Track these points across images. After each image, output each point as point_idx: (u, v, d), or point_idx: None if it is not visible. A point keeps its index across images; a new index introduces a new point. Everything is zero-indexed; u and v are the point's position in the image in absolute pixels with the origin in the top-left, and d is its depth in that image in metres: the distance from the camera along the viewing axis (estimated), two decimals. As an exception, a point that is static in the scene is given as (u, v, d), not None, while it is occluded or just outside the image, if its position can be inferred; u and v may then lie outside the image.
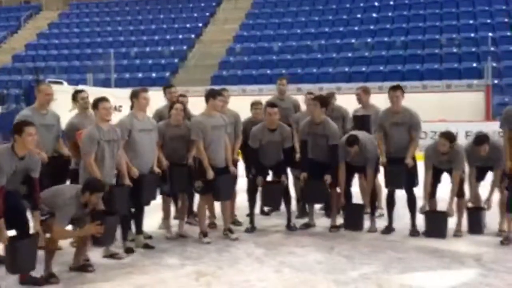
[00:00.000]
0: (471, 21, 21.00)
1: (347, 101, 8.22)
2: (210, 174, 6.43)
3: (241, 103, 8.12)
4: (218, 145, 6.56)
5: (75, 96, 6.62)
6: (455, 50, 19.73)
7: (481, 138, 6.72)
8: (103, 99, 5.82)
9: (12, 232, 4.95)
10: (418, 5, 22.61)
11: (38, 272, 5.16)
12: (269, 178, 7.39)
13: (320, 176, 6.93)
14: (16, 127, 4.91)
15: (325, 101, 7.16)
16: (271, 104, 7.18)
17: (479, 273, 5.48)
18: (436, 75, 18.67)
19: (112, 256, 5.94)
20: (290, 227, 7.16)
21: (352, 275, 5.38)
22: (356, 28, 22.36)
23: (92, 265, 5.56)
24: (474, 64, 18.67)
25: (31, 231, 4.99)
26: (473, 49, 19.43)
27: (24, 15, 28.52)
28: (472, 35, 20.27)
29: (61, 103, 8.79)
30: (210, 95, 6.63)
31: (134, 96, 6.27)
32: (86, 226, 5.17)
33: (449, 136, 6.72)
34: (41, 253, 5.44)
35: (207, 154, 6.49)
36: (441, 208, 6.92)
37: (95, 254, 5.86)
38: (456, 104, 16.49)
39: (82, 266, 5.47)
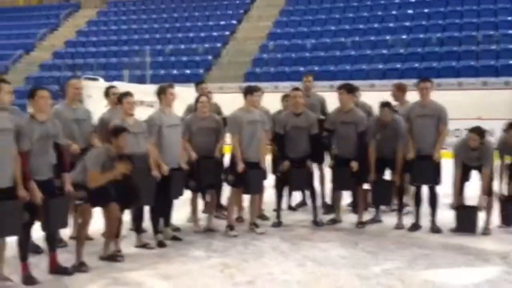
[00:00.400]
0: (509, 18, 20.53)
1: (381, 99, 8.11)
2: (241, 167, 6.55)
3: (273, 100, 8.19)
4: (252, 140, 6.67)
5: (107, 92, 6.84)
6: (492, 47, 19.34)
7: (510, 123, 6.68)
8: (127, 94, 6.03)
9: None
10: (455, 2, 22.22)
11: (69, 261, 5.38)
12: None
13: (346, 164, 6.93)
14: (30, 93, 5.07)
15: (351, 88, 7.20)
16: (295, 88, 7.27)
17: (504, 270, 5.46)
18: (472, 72, 18.34)
19: (144, 246, 6.13)
20: (316, 223, 7.22)
21: (375, 270, 5.43)
22: (391, 25, 22.11)
23: (122, 255, 5.75)
24: (511, 62, 18.28)
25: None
26: (511, 46, 19.01)
27: (63, 13, 29.20)
28: (510, 31, 19.84)
29: (97, 99, 9.08)
30: (248, 91, 6.77)
31: (161, 92, 6.41)
32: (117, 165, 5.35)
33: (479, 132, 6.67)
34: (72, 244, 5.70)
35: (241, 148, 6.61)
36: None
37: (126, 245, 6.06)
38: (493, 102, 16.17)
39: (111, 256, 5.67)
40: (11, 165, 4.68)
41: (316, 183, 7.51)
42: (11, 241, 5.00)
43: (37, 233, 5.17)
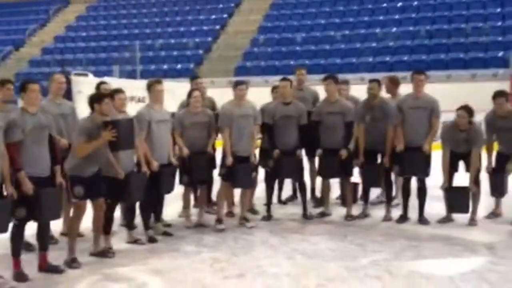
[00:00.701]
0: (497, 10, 20.65)
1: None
2: (229, 160, 6.61)
3: (264, 94, 8.23)
4: (242, 134, 6.72)
5: (98, 87, 6.86)
6: (481, 39, 19.45)
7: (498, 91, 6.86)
8: (118, 91, 6.05)
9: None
10: (444, -6, 22.35)
11: (59, 259, 5.43)
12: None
13: (334, 154, 7.03)
14: (21, 86, 5.11)
15: (337, 79, 7.31)
16: (284, 78, 7.33)
17: (490, 261, 5.56)
18: (461, 64, 18.46)
19: (135, 241, 6.18)
20: (306, 216, 7.29)
21: (363, 262, 5.51)
22: (380, 18, 22.16)
23: (113, 251, 5.80)
24: (500, 54, 18.41)
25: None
26: (499, 38, 19.14)
27: (52, 9, 28.99)
28: (499, 23, 19.97)
29: (87, 95, 9.04)
30: (233, 85, 6.88)
31: (149, 88, 6.43)
32: (102, 134, 5.31)
33: (468, 109, 6.73)
34: (64, 240, 5.74)
35: (231, 142, 6.65)
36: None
37: (117, 241, 6.11)
38: (481, 94, 16.28)
39: (102, 252, 5.72)
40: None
41: (306, 177, 7.59)
42: (3, 238, 5.04)
43: (29, 230, 5.21)
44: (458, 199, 6.78)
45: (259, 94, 8.25)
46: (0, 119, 4.80)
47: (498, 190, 6.92)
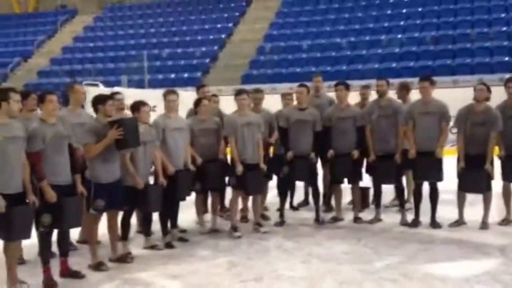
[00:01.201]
0: (502, 15, 20.77)
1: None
2: (239, 170, 6.72)
3: (271, 101, 8.34)
4: (248, 142, 6.82)
5: (112, 97, 6.97)
6: (486, 44, 19.56)
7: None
8: (143, 103, 6.15)
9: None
10: (448, 0, 22.46)
11: (79, 265, 5.54)
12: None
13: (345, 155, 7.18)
14: (39, 98, 5.29)
15: (348, 85, 7.47)
16: (301, 85, 7.48)
17: (502, 262, 5.63)
18: (467, 70, 18.55)
19: (152, 247, 6.29)
20: (318, 221, 7.38)
21: (377, 266, 5.59)
22: (386, 25, 22.33)
23: (132, 256, 5.92)
24: (506, 58, 18.49)
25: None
26: (505, 43, 19.24)
27: (60, 20, 29.32)
28: (504, 29, 20.07)
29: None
30: (235, 96, 6.99)
31: (163, 98, 6.61)
32: (108, 133, 5.47)
33: (486, 84, 6.81)
34: (85, 247, 5.86)
35: (238, 150, 6.77)
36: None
37: (135, 247, 6.23)
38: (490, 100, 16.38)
39: (121, 257, 5.83)
40: (21, 172, 4.84)
41: (320, 182, 7.68)
42: (27, 245, 5.16)
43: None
44: (471, 179, 6.77)
45: (266, 102, 8.34)
46: (18, 129, 4.92)
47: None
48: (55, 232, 5.28)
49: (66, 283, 5.23)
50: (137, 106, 6.09)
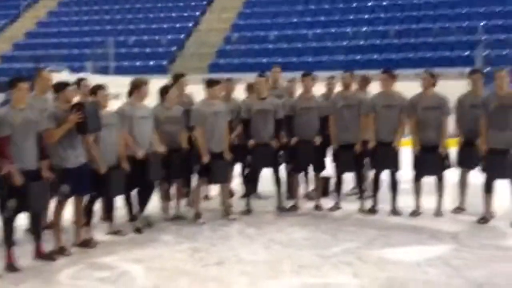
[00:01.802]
0: (464, 10, 21.28)
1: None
2: (206, 158, 6.83)
3: (237, 91, 8.46)
4: (215, 131, 6.94)
5: (79, 83, 7.00)
6: (448, 38, 20.04)
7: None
8: (100, 87, 6.20)
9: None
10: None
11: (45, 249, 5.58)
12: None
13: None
14: (11, 82, 5.27)
15: (314, 76, 7.76)
16: (259, 75, 7.65)
17: (454, 248, 5.90)
18: (428, 63, 18.98)
19: (115, 232, 6.37)
20: (280, 209, 7.56)
21: (335, 250, 5.81)
22: (351, 17, 22.62)
23: (95, 241, 5.98)
24: (466, 53, 19.00)
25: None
26: (466, 38, 19.75)
27: (23, 4, 28.69)
28: (465, 23, 20.58)
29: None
30: (207, 85, 7.08)
31: (135, 87, 6.64)
32: (69, 117, 5.54)
33: (431, 72, 7.31)
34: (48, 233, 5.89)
35: (205, 140, 6.86)
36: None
37: (98, 232, 6.29)
38: (448, 92, 16.81)
39: (84, 242, 5.89)
40: None
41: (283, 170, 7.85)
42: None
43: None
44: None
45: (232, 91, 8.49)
46: None
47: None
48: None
49: (31, 267, 5.28)
50: (95, 90, 6.14)
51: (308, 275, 5.10)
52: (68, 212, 5.89)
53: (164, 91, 7.09)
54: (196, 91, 8.25)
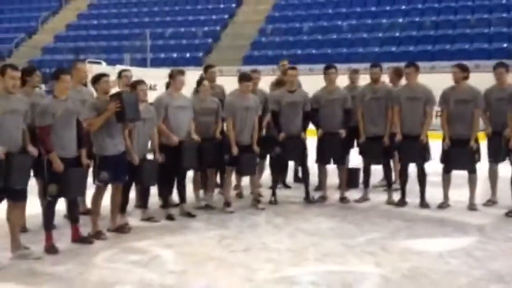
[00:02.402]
0: (503, 1, 20.88)
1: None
2: (234, 150, 7.05)
3: (265, 81, 8.64)
4: (245, 124, 7.17)
5: (120, 75, 7.32)
6: (486, 30, 19.72)
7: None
8: (140, 82, 6.46)
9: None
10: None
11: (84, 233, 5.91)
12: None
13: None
14: (54, 74, 5.60)
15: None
16: (291, 68, 7.84)
17: (478, 240, 5.96)
18: (465, 55, 18.73)
19: (149, 219, 6.66)
20: (308, 199, 7.72)
21: (359, 240, 5.94)
22: (387, 8, 22.46)
23: (130, 227, 6.29)
24: (505, 45, 18.67)
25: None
26: (504, 30, 19.40)
27: (64, -4, 29.52)
28: (504, 15, 20.20)
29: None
30: (240, 79, 7.29)
31: (171, 77, 6.93)
32: (108, 107, 5.84)
33: (461, 66, 7.22)
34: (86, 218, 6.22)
35: (235, 132, 7.09)
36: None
37: (133, 219, 6.60)
38: (485, 84, 16.59)
39: (119, 228, 6.19)
40: (21, 139, 5.20)
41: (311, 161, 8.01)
42: (32, 216, 5.52)
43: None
44: (458, 156, 7.08)
45: (266, 82, 8.70)
46: (23, 103, 5.27)
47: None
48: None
49: (68, 249, 5.60)
50: (134, 84, 6.41)
51: (332, 263, 5.26)
52: (105, 198, 6.19)
53: (199, 82, 7.34)
54: (231, 82, 8.47)
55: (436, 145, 7.40)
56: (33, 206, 5.97)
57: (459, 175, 7.33)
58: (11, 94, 5.17)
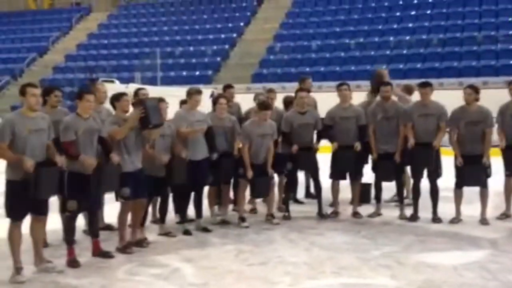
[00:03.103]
0: (509, 19, 21.05)
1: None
2: (249, 174, 7.22)
3: (280, 100, 8.79)
4: (261, 150, 7.37)
5: (137, 93, 7.50)
6: (493, 47, 19.89)
7: None
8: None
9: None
10: (456, 3, 22.78)
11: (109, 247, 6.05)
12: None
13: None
14: (78, 94, 5.81)
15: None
16: (300, 89, 7.99)
17: (491, 253, 6.05)
18: (473, 72, 18.90)
19: (166, 234, 6.80)
20: (321, 214, 7.83)
21: (374, 254, 6.05)
22: (394, 26, 22.70)
23: (148, 241, 6.42)
24: (511, 62, 18.82)
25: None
26: (511, 47, 19.55)
27: (75, 17, 29.97)
28: (510, 32, 20.37)
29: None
30: (259, 107, 7.46)
31: (188, 96, 7.10)
32: (131, 114, 6.02)
33: (474, 87, 7.30)
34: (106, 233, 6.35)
35: (250, 154, 7.28)
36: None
37: (151, 233, 6.74)
38: (493, 101, 16.70)
39: (138, 242, 6.32)
40: (45, 155, 5.35)
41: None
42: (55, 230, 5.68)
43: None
44: (470, 173, 7.20)
45: (276, 100, 8.84)
46: (41, 121, 5.40)
47: None
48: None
49: (92, 263, 5.74)
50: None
51: (348, 276, 5.37)
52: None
53: (215, 101, 7.52)
54: (240, 100, 8.66)
55: (447, 161, 7.51)
56: (53, 222, 6.11)
57: (471, 190, 7.42)
58: (35, 112, 5.33)
